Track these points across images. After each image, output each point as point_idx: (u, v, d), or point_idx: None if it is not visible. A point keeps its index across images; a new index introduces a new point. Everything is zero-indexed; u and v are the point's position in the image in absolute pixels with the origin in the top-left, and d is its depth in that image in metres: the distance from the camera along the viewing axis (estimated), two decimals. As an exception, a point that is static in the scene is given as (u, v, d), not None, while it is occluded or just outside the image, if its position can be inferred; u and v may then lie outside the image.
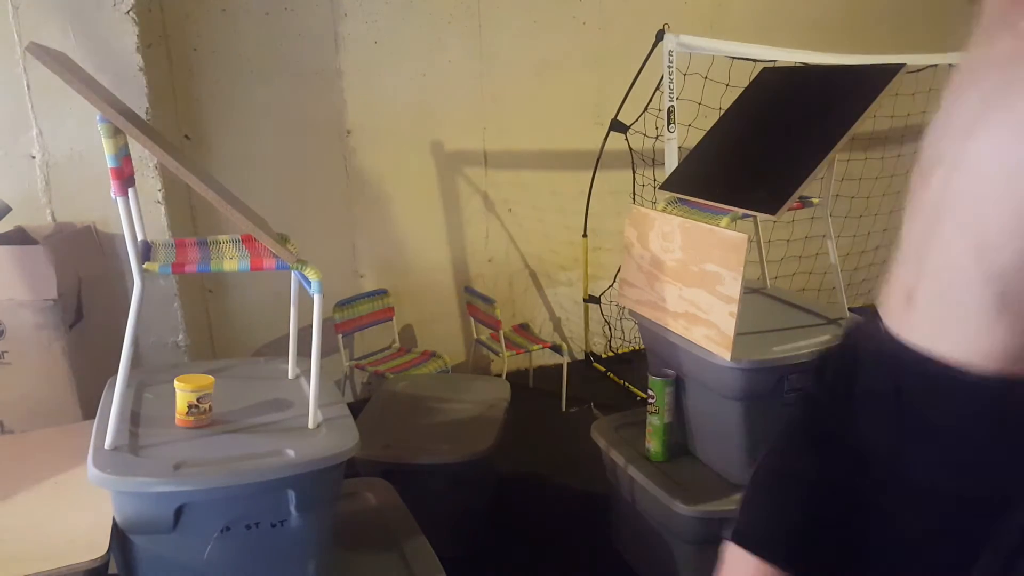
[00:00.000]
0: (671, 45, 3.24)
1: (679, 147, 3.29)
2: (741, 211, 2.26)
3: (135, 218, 1.69)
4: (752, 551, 1.07)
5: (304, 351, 1.87)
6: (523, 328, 4.18)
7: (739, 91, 2.71)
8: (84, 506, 1.63)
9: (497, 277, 4.18)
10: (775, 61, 3.32)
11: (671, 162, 3.28)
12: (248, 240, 1.84)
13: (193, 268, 1.65)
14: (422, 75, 3.74)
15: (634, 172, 4.01)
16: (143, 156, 2.70)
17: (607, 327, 4.43)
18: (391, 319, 3.81)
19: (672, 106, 3.30)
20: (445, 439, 2.60)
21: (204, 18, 3.28)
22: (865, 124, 2.18)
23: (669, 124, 3.30)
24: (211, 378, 1.69)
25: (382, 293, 3.79)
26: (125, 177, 1.58)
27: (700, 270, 2.14)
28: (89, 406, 2.26)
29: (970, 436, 0.91)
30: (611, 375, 4.19)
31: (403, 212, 3.87)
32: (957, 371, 0.88)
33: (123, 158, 1.58)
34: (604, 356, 4.48)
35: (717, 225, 2.16)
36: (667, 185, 2.63)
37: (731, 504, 2.17)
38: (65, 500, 1.66)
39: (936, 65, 4.26)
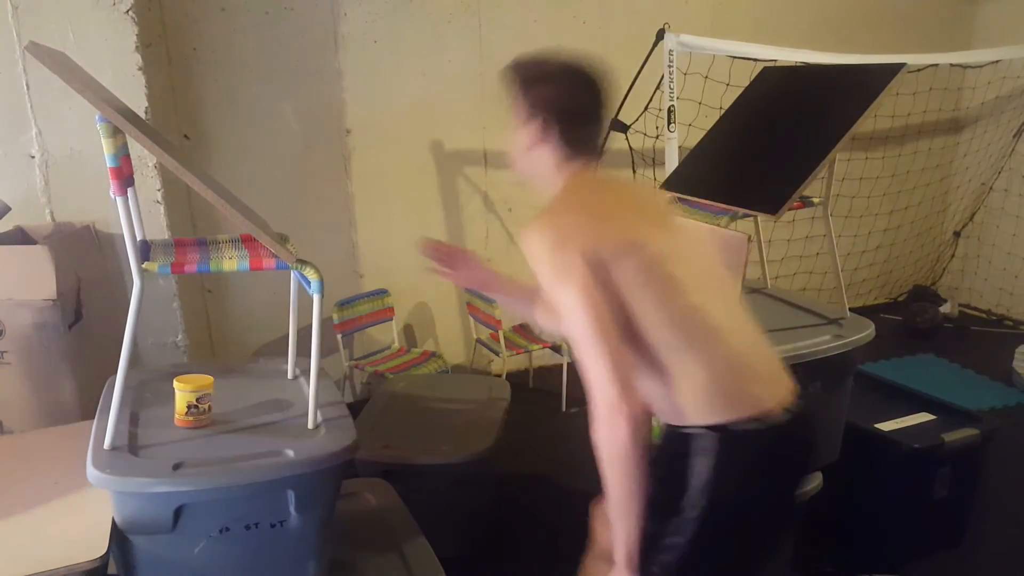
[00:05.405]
0: (671, 44, 3.24)
1: (679, 147, 3.29)
2: (742, 211, 2.25)
3: (134, 218, 1.68)
4: None
5: (304, 351, 1.86)
6: (523, 328, 4.17)
7: (740, 90, 2.71)
8: (83, 506, 1.62)
9: (497, 277, 4.17)
10: (776, 60, 3.31)
11: (671, 162, 3.28)
12: (248, 240, 1.84)
13: (192, 268, 1.65)
14: (422, 74, 3.73)
15: (635, 172, 4.00)
16: (142, 156, 2.70)
17: (607, 327, 4.42)
18: (391, 319, 3.80)
19: (672, 105, 3.29)
20: (445, 439, 2.59)
21: (204, 17, 3.28)
22: (866, 124, 2.18)
23: (669, 124, 3.29)
24: (210, 378, 1.69)
25: (382, 293, 3.79)
26: (124, 177, 1.58)
27: (700, 270, 2.13)
28: (88, 406, 2.26)
29: None
30: (611, 375, 4.18)
31: (403, 212, 3.87)
32: None
33: (122, 158, 1.58)
34: (604, 356, 4.47)
35: (718, 224, 2.16)
36: (668, 185, 2.62)
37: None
38: (64, 500, 1.66)
39: (936, 65, 4.26)
